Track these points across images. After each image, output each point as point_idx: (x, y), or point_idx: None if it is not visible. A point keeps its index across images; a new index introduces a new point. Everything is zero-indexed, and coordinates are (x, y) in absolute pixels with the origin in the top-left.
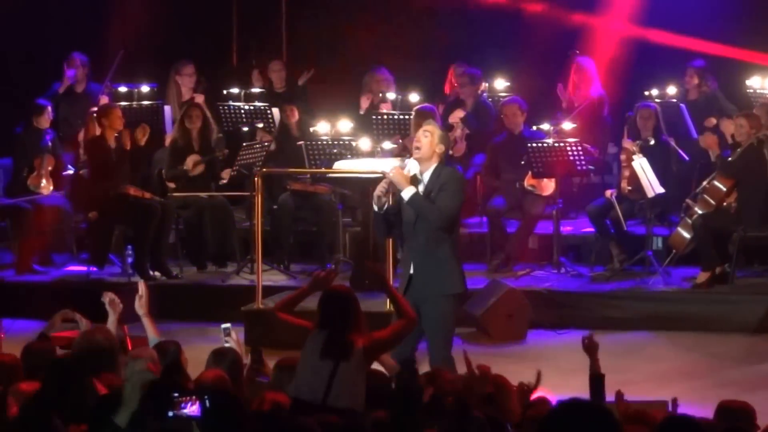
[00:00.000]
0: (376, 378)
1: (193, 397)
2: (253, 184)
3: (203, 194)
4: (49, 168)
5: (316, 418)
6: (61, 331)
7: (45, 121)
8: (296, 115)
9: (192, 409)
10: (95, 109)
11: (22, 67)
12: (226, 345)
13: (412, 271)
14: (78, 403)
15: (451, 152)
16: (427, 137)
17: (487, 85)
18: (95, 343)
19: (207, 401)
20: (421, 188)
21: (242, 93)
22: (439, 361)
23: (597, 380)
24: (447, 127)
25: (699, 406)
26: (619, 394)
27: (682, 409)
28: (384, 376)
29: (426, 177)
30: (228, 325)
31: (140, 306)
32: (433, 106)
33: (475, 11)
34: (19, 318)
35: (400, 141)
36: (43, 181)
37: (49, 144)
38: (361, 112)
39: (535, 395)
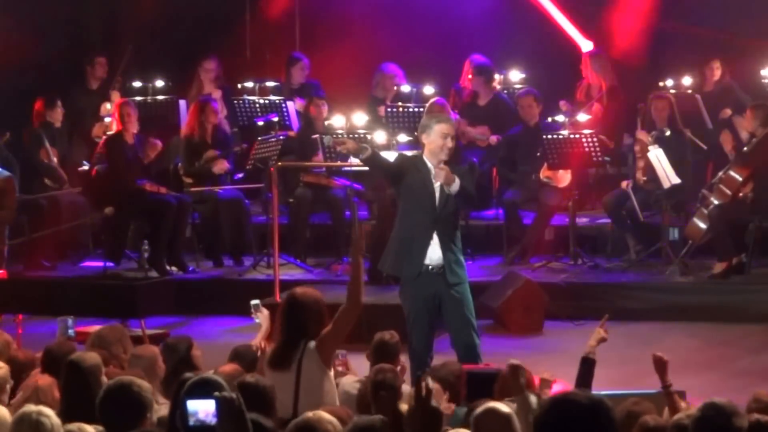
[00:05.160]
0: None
1: (209, 398)
2: (268, 178)
3: (219, 188)
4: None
5: None
6: None
7: (57, 113)
8: (325, 111)
9: (207, 412)
10: (109, 105)
11: (36, 65)
12: (256, 321)
13: (443, 261)
14: (92, 401)
15: (485, 142)
16: (453, 147)
17: (502, 77)
18: (106, 342)
19: (218, 401)
20: (441, 186)
21: (257, 87)
22: (470, 352)
23: (587, 363)
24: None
25: (716, 396)
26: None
27: (699, 401)
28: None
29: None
30: (257, 301)
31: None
32: (444, 99)
33: (491, 2)
34: (36, 314)
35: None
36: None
37: None
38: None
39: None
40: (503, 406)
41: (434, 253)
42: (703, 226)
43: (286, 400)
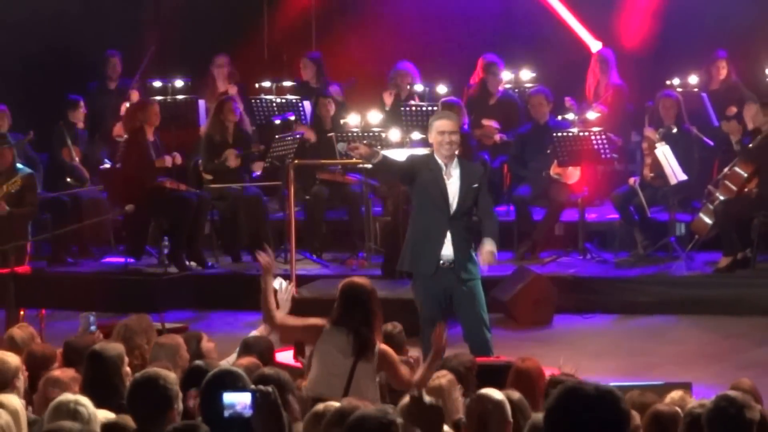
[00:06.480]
0: None
1: (245, 392)
2: (285, 175)
3: (237, 185)
4: None
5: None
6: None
7: (80, 114)
8: (332, 109)
9: (243, 405)
10: (128, 104)
11: (59, 65)
12: (279, 285)
13: (453, 256)
14: (114, 391)
15: (491, 140)
16: (455, 135)
17: (513, 76)
18: (131, 331)
19: (254, 395)
20: (455, 182)
21: (274, 86)
22: (482, 346)
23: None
24: (477, 124)
25: (721, 388)
26: None
27: (704, 392)
28: None
29: (455, 172)
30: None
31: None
32: (458, 99)
33: (503, 4)
34: (59, 308)
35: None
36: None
37: None
38: (387, 108)
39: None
40: (496, 393)
41: (447, 250)
42: (709, 221)
43: (337, 385)
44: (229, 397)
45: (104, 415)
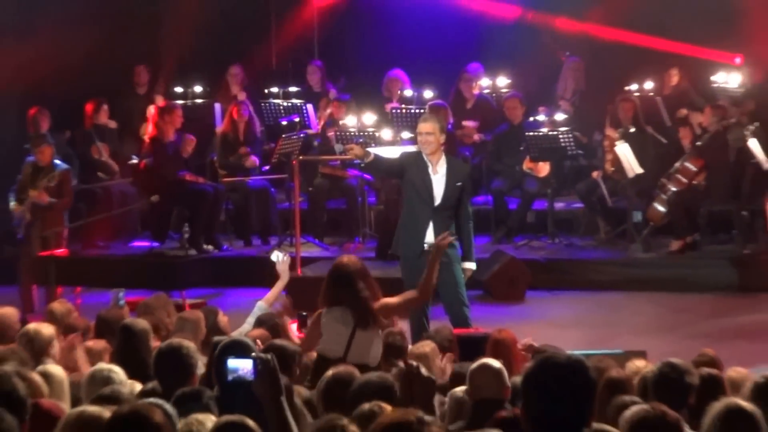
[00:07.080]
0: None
1: (246, 358)
2: (291, 170)
3: (249, 179)
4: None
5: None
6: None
7: (104, 114)
8: (344, 112)
9: (246, 370)
10: (154, 107)
11: (93, 74)
12: (278, 259)
13: (434, 240)
14: (141, 361)
15: (471, 139)
16: (431, 136)
17: (491, 82)
18: (152, 308)
19: (255, 361)
20: (440, 179)
21: (281, 91)
22: (462, 320)
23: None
24: (458, 126)
25: (673, 356)
26: None
27: (658, 359)
28: None
29: (441, 169)
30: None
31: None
32: (444, 102)
33: (482, 19)
34: (93, 286)
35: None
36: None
37: None
38: (390, 118)
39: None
40: (495, 362)
41: (430, 237)
42: (662, 209)
43: (339, 347)
44: (233, 363)
45: (131, 383)
